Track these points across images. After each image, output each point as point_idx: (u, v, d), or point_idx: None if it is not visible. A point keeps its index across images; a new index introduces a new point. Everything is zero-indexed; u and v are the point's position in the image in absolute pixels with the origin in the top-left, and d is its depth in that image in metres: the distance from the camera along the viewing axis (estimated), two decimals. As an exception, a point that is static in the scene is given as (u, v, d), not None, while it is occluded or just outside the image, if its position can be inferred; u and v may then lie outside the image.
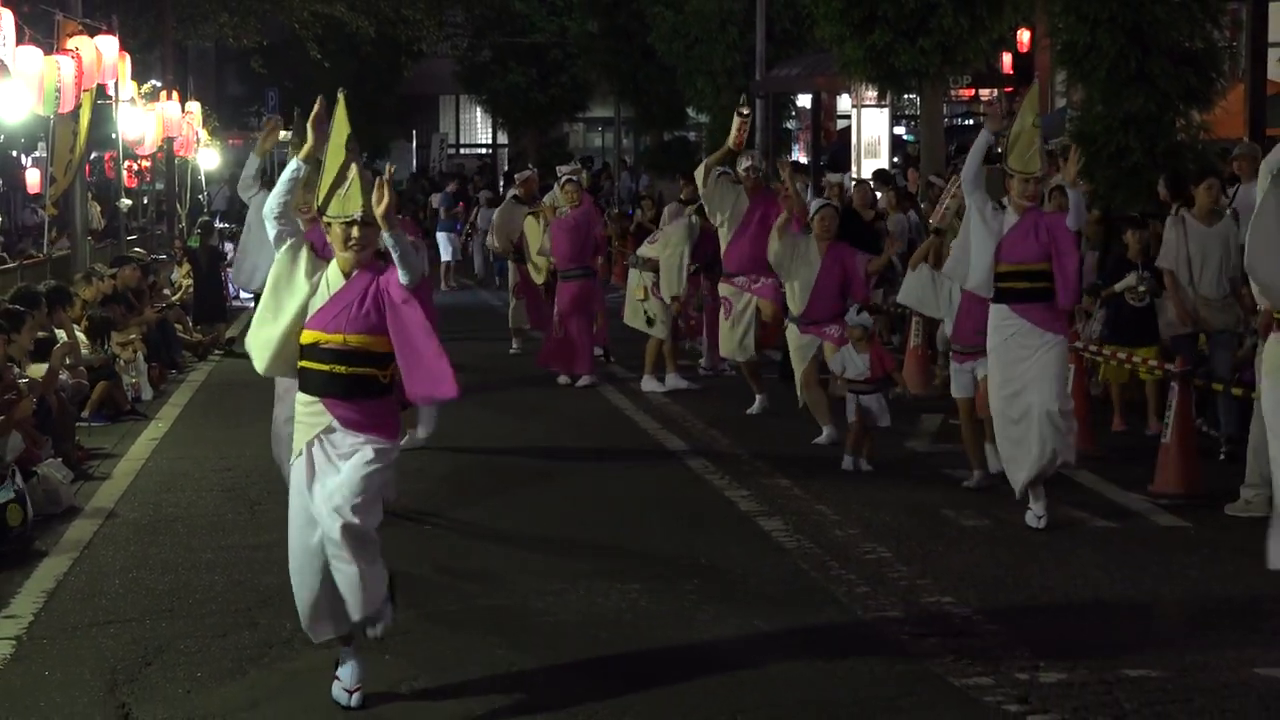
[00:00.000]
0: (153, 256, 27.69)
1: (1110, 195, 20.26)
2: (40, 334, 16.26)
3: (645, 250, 20.27)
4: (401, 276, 8.63)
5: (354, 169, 8.68)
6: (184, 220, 37.86)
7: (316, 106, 9.11)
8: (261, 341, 8.90)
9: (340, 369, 8.69)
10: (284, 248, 8.78)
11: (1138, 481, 13.78)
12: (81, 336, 18.16)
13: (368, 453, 8.69)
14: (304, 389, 8.83)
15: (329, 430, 8.75)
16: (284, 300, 8.75)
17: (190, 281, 26.99)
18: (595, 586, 11.12)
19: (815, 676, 9.31)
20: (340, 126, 8.82)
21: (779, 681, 9.22)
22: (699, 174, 18.37)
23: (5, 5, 19.26)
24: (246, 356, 10.03)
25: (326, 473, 8.72)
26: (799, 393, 16.24)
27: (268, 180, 12.60)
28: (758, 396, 18.03)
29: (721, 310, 18.47)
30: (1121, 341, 16.19)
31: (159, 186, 41.21)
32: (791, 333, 16.31)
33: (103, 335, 19.04)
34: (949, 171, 26.74)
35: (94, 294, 20.44)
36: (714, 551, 12.12)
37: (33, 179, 33.01)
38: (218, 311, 25.91)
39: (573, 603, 10.73)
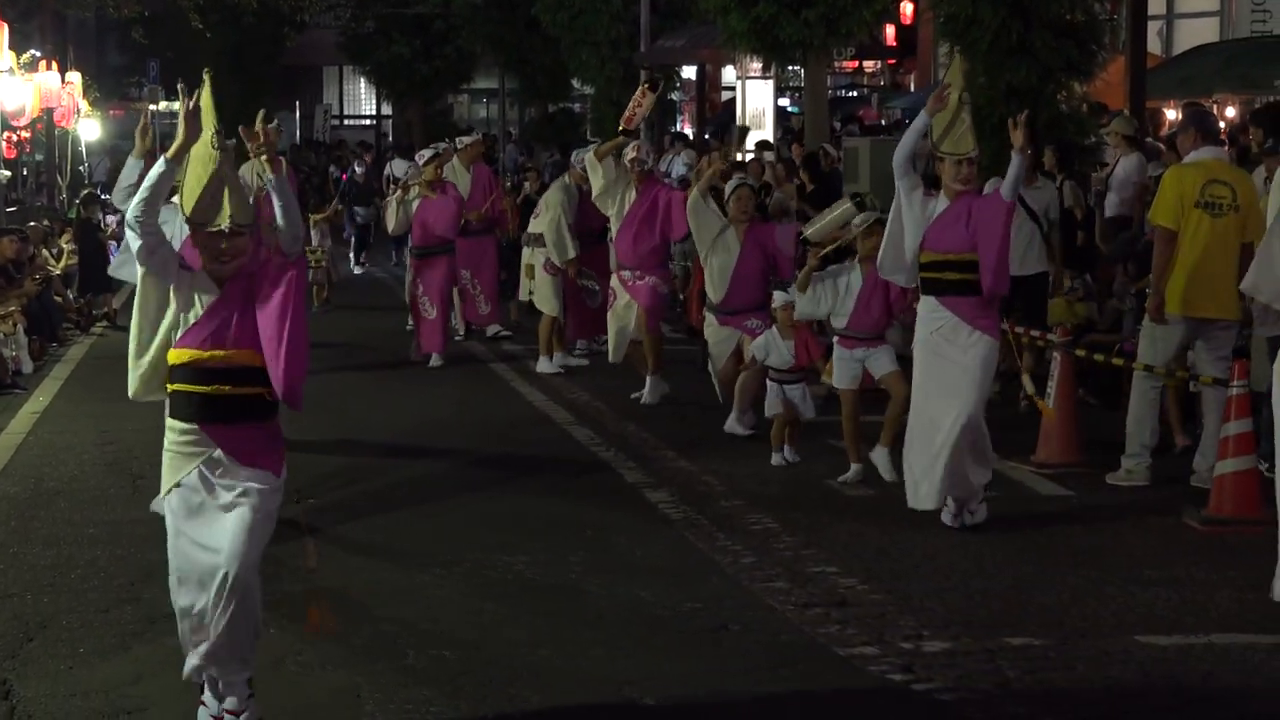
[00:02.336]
0: (44, 224, 27.44)
1: (994, 166, 20.38)
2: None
3: (533, 226, 19.57)
4: (284, 235, 7.83)
5: (224, 172, 7.68)
6: (65, 192, 37.58)
7: (194, 98, 7.83)
8: (141, 364, 7.86)
9: (224, 389, 7.73)
10: (150, 261, 7.70)
11: (1019, 451, 13.85)
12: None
13: (254, 501, 7.78)
14: (177, 415, 7.82)
15: (212, 462, 7.79)
16: (154, 317, 7.78)
17: (72, 251, 26.73)
18: (482, 559, 11.12)
19: (701, 647, 9.34)
20: (204, 118, 7.80)
21: (664, 653, 9.24)
22: (592, 166, 17.24)
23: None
24: (129, 329, 9.97)
25: (210, 510, 7.79)
26: (718, 389, 15.67)
27: None
28: (648, 380, 16.90)
29: (608, 299, 17.42)
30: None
31: (39, 158, 40.85)
32: (710, 324, 15.48)
33: None
34: (833, 140, 26.86)
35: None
36: (601, 523, 12.13)
37: (-91, 151, 32.74)
38: (102, 283, 25.60)
39: (459, 576, 10.72)
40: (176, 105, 10.14)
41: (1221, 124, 22.67)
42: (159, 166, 7.66)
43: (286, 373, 7.69)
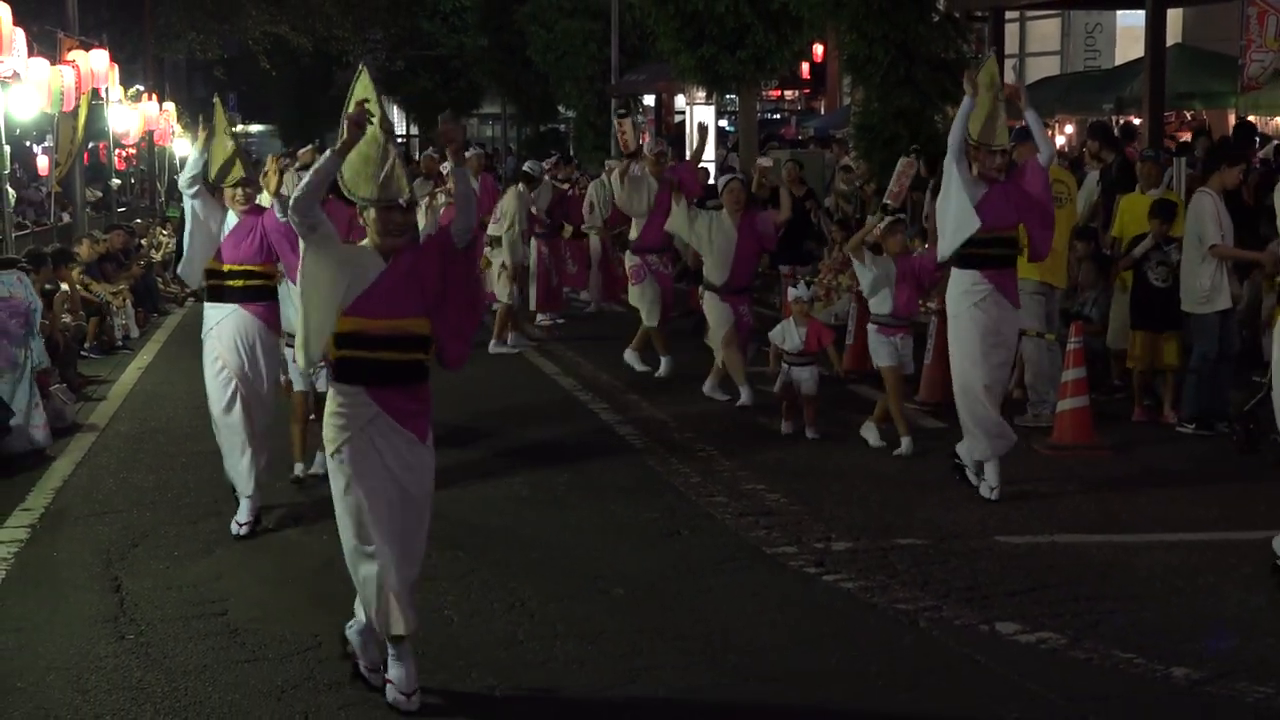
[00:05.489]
0: (149, 221, 27.30)
1: (884, 172, 20.38)
2: (46, 286, 15.97)
3: (491, 229, 17.80)
4: (457, 224, 6.77)
5: (393, 151, 6.71)
6: (162, 196, 37.45)
7: (358, 103, 6.80)
8: (310, 332, 6.71)
9: (389, 355, 6.70)
10: (312, 237, 6.66)
11: (907, 393, 13.79)
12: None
13: (416, 469, 6.78)
14: (344, 379, 6.74)
15: (374, 424, 6.71)
16: (326, 291, 6.65)
17: (171, 243, 26.60)
18: (487, 481, 11.08)
19: (657, 548, 9.33)
20: (368, 105, 6.85)
21: (627, 553, 9.23)
22: (615, 184, 16.07)
23: (17, 25, 18.97)
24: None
25: (377, 470, 6.70)
26: (716, 354, 14.01)
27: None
28: (663, 359, 15.38)
29: (632, 276, 15.66)
30: (1146, 325, 12.92)
31: (142, 169, 40.69)
32: (711, 300, 13.82)
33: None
34: (762, 151, 26.77)
35: (90, 253, 20.11)
36: (580, 451, 12.09)
37: (42, 164, 32.74)
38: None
39: (468, 495, 10.66)
40: (252, 128, 9.96)
41: (1061, 138, 22.68)
42: (325, 157, 6.68)
43: (463, 343, 6.90)
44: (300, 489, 10.84)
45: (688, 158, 14.99)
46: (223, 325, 10.09)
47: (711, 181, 24.10)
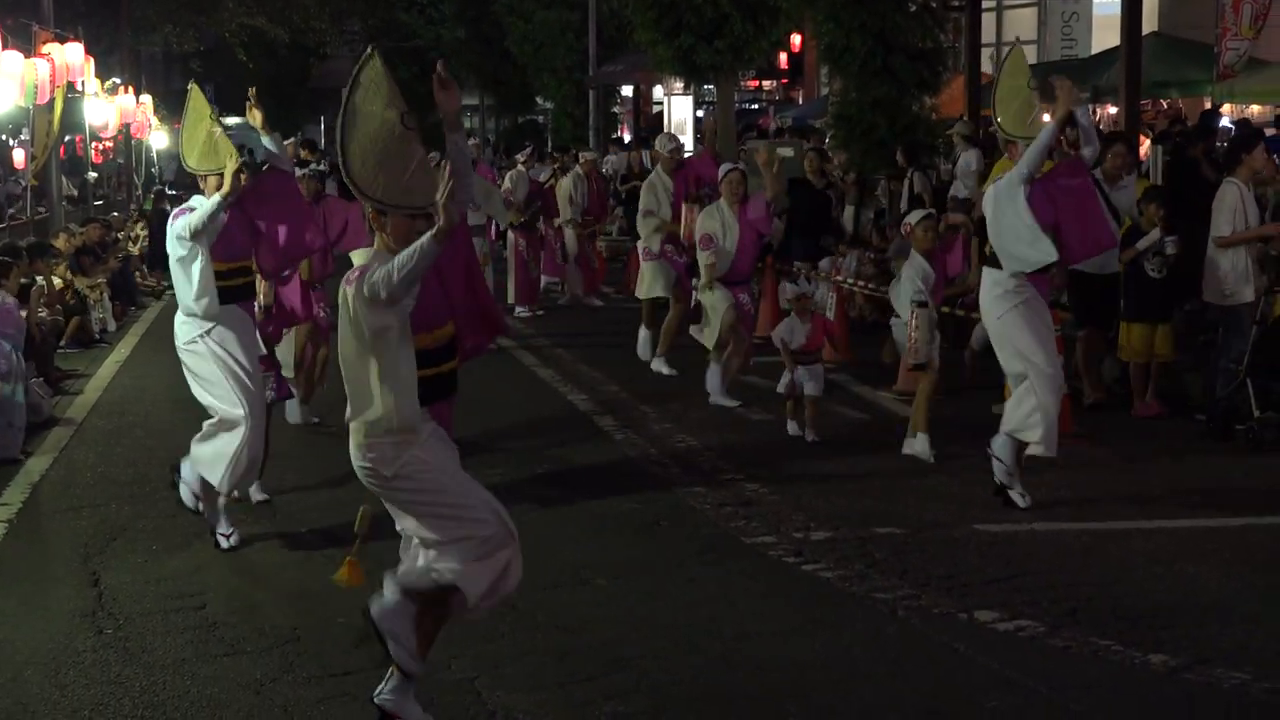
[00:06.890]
0: (130, 213, 27.25)
1: (862, 161, 20.44)
2: (23, 280, 15.91)
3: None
4: (455, 195, 5.77)
5: (420, 150, 6.03)
6: (140, 189, 37.44)
7: (359, 96, 5.97)
8: (407, 386, 5.92)
9: (447, 366, 6.28)
10: (401, 310, 5.89)
11: (885, 383, 13.84)
12: (57, 281, 17.81)
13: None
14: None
15: (433, 433, 6.15)
16: (402, 343, 5.90)
17: (146, 236, 26.57)
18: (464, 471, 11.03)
19: (638, 540, 9.32)
20: (381, 92, 6.01)
21: (610, 544, 9.23)
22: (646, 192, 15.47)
23: (-9, 19, 18.92)
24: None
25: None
26: (711, 353, 13.57)
27: None
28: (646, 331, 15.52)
29: (643, 254, 15.55)
30: (1142, 317, 12.61)
31: (119, 162, 40.60)
32: (717, 291, 13.25)
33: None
34: (740, 144, 26.76)
35: (67, 246, 20.06)
36: (559, 444, 12.07)
37: (18, 158, 32.58)
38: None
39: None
40: (229, 120, 9.69)
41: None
42: (426, 240, 5.67)
43: (482, 327, 6.56)
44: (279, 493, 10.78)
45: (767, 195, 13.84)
46: (224, 329, 9.62)
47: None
